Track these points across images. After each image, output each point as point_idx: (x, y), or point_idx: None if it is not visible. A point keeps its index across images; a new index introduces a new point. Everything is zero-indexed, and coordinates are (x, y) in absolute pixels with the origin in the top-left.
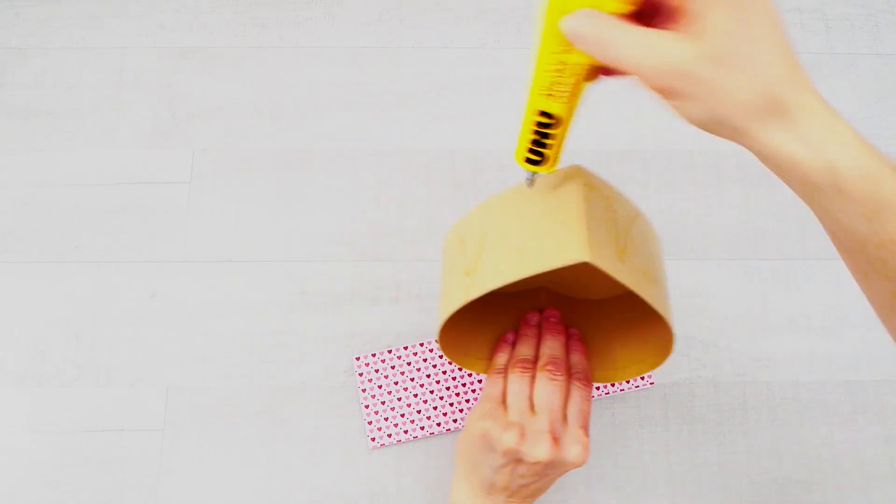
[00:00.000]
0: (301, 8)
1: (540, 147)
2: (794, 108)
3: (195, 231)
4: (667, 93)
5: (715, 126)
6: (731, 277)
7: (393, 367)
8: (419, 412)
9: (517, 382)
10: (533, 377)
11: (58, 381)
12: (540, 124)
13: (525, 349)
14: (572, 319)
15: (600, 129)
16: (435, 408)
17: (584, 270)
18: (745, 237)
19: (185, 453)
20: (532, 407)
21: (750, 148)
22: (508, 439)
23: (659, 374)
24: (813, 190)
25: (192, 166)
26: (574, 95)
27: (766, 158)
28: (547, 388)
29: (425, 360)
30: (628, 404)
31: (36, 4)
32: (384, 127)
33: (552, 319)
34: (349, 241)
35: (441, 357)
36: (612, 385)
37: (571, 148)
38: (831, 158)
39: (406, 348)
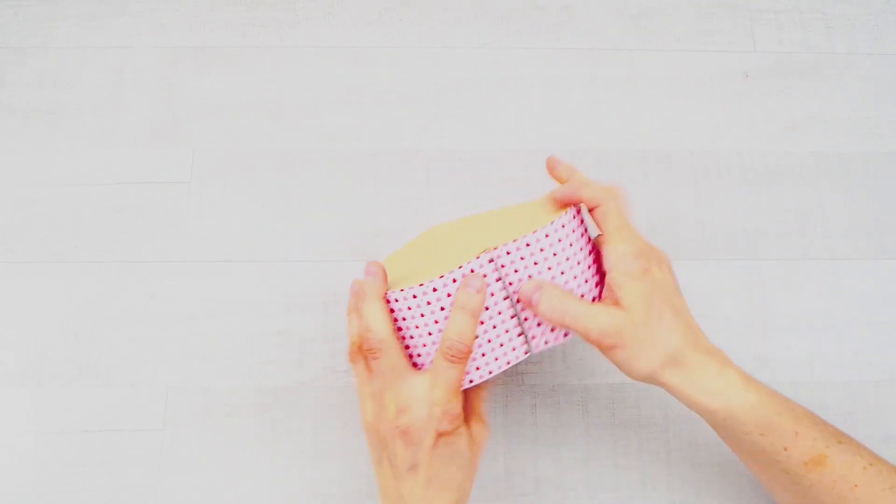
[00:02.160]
0: (301, 8)
1: None
2: (690, 363)
3: (195, 231)
4: (605, 347)
5: (637, 370)
6: (731, 277)
7: None
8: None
9: None
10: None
11: (58, 381)
12: None
13: None
14: None
15: (600, 129)
16: None
17: None
18: (745, 237)
19: (185, 453)
20: None
21: (662, 386)
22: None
23: None
24: (712, 418)
25: (192, 166)
26: None
27: (675, 395)
28: None
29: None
30: (628, 404)
31: (36, 4)
32: (384, 127)
33: None
34: (349, 241)
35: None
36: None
37: (572, 148)
38: (726, 398)
39: None
